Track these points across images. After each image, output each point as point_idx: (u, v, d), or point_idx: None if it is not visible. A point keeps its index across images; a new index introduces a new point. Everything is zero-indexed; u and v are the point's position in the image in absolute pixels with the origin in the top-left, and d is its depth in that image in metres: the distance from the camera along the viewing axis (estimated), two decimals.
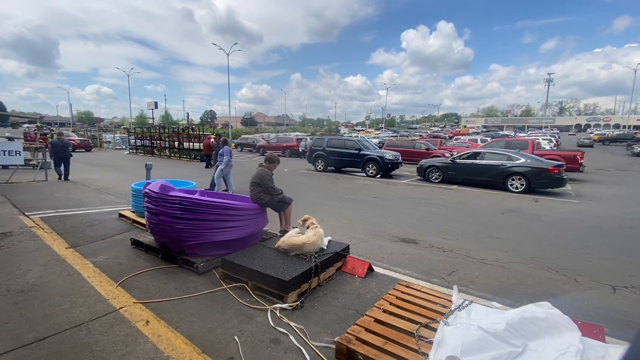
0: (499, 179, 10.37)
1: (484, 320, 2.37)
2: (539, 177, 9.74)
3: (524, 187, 9.89)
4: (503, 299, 3.36)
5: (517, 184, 10.05)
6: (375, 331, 2.48)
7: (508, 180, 10.19)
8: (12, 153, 9.74)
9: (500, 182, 10.35)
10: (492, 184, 10.59)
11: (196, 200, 3.89)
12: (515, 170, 10.08)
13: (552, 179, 9.63)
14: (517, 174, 10.04)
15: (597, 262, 4.57)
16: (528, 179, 9.83)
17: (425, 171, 12.15)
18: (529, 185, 9.83)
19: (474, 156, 11.25)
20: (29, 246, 4.43)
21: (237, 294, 3.25)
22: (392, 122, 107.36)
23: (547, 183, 9.78)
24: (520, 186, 9.97)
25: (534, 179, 9.79)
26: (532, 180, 9.80)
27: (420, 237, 5.53)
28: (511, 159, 10.38)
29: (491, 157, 10.84)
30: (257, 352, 2.40)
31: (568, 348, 2.14)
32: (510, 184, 10.15)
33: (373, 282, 3.64)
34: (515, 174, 10.07)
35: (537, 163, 9.97)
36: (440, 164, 11.85)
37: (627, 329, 2.90)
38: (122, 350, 2.38)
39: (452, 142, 27.53)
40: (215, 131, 33.06)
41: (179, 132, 22.10)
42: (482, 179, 10.79)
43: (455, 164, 11.40)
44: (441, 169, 11.68)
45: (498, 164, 10.50)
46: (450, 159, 11.66)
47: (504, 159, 10.52)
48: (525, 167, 9.98)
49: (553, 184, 9.75)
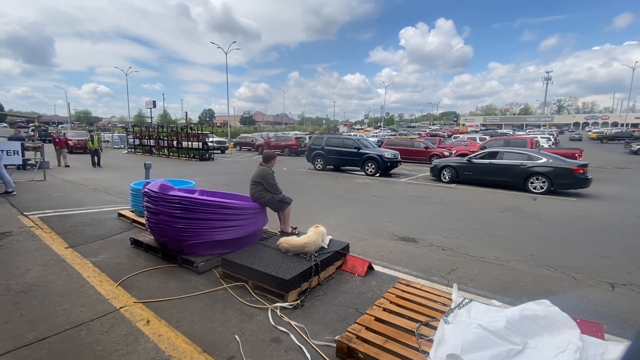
0: (519, 179, 9.92)
1: (484, 318, 2.38)
2: (562, 178, 9.29)
3: (546, 188, 9.44)
4: (502, 297, 3.37)
5: (538, 185, 9.61)
6: (376, 330, 2.48)
7: (529, 180, 9.73)
8: (11, 153, 9.70)
9: (520, 182, 9.90)
10: (512, 184, 10.15)
11: (196, 199, 3.88)
12: (537, 170, 9.62)
13: (577, 179, 9.15)
14: (538, 174, 9.58)
15: (595, 259, 4.59)
16: (550, 179, 9.37)
17: (439, 171, 11.76)
18: (551, 185, 9.38)
19: (491, 156, 10.79)
20: (28, 246, 4.42)
21: (238, 293, 3.25)
22: (391, 120, 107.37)
23: (570, 184, 9.31)
24: (542, 187, 9.52)
25: (557, 179, 9.33)
26: (555, 181, 9.34)
27: (419, 235, 5.54)
28: (532, 159, 9.91)
29: (510, 157, 10.38)
30: (257, 351, 2.41)
31: (567, 345, 2.15)
32: (531, 185, 9.71)
33: (373, 281, 3.65)
34: (536, 174, 9.62)
35: (560, 163, 9.50)
36: (455, 163, 11.46)
37: (626, 327, 2.92)
38: (123, 350, 2.38)
39: (451, 140, 27.53)
40: (214, 130, 32.98)
41: (177, 131, 22.05)
42: (501, 179, 10.35)
43: (472, 164, 10.99)
44: (457, 169, 11.29)
45: (518, 163, 10.02)
46: (467, 159, 11.24)
47: (524, 159, 10.05)
48: (547, 167, 9.51)
49: (577, 184, 9.26)
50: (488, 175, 10.65)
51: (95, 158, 14.77)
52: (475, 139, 24.36)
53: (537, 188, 9.63)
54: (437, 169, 11.87)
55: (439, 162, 12.19)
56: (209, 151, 20.07)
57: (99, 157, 14.81)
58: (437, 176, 11.85)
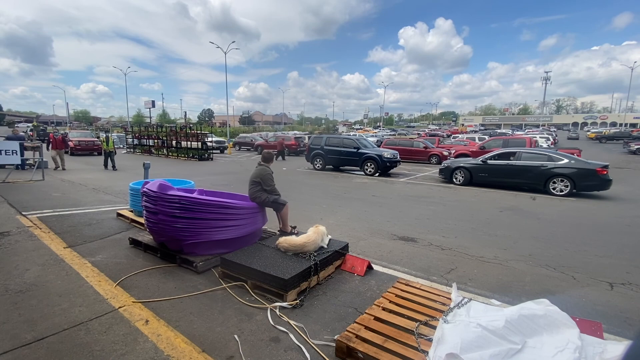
0: (539, 181, 9.57)
1: (483, 317, 2.38)
2: (586, 179, 9.00)
3: (568, 190, 9.13)
4: (502, 297, 3.38)
5: (560, 187, 9.28)
6: (375, 329, 2.48)
7: (550, 182, 9.41)
8: (9, 152, 9.67)
9: (540, 184, 9.57)
10: (531, 186, 9.83)
11: (195, 199, 3.88)
12: (559, 172, 9.27)
13: (601, 180, 8.91)
14: (560, 175, 9.24)
15: (594, 259, 4.60)
16: (574, 181, 9.06)
17: (451, 173, 11.25)
18: (574, 187, 9.08)
19: (508, 156, 10.43)
20: (27, 246, 4.41)
21: (237, 292, 3.25)
22: (390, 120, 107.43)
23: (595, 185, 9.02)
24: (564, 189, 9.21)
25: (581, 180, 9.02)
26: (578, 183, 9.03)
27: (419, 235, 5.55)
28: (552, 159, 9.59)
29: (529, 157, 10.03)
30: (257, 351, 2.40)
31: (566, 345, 2.15)
32: (552, 187, 9.38)
33: (372, 281, 3.65)
34: (558, 176, 9.27)
35: (582, 164, 9.23)
36: (469, 165, 10.98)
37: (625, 326, 2.92)
38: (122, 350, 2.37)
39: (450, 140, 27.56)
40: (213, 130, 32.94)
41: (176, 131, 22.02)
42: (519, 181, 9.99)
43: (487, 165, 10.54)
44: (471, 171, 10.82)
45: (538, 164, 9.69)
46: (481, 160, 10.78)
47: (544, 159, 9.73)
48: (570, 168, 9.19)
49: (601, 186, 8.99)
50: (505, 176, 10.23)
51: (108, 160, 14.03)
52: (475, 139, 24.40)
53: (559, 190, 9.30)
54: (448, 170, 11.40)
55: (450, 162, 11.74)
56: (208, 151, 20.04)
57: (113, 159, 14.03)
58: (448, 178, 11.38)
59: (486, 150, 15.17)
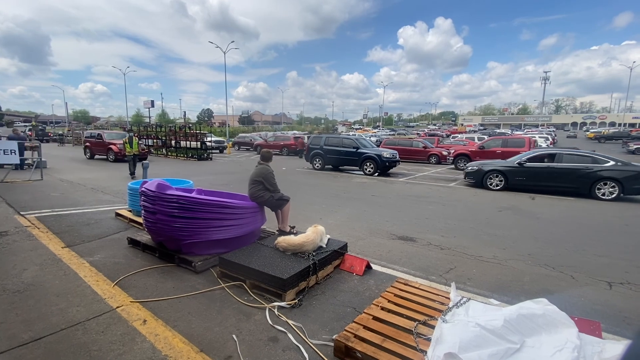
0: (584, 184, 9.04)
1: (482, 317, 2.38)
2: (635, 182, 8.52)
3: (616, 194, 8.64)
4: (500, 296, 3.37)
5: (607, 191, 8.78)
6: (374, 329, 2.48)
7: (596, 186, 8.89)
8: (8, 152, 9.65)
9: (585, 188, 9.05)
10: (574, 190, 9.29)
11: (194, 199, 3.87)
12: (606, 175, 8.76)
13: None
14: (608, 178, 8.74)
15: (593, 258, 4.60)
16: (622, 184, 8.59)
17: (483, 177, 10.35)
18: (622, 191, 8.60)
19: (547, 159, 9.81)
20: (25, 246, 4.39)
21: (235, 292, 3.24)
22: (389, 120, 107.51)
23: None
24: (612, 192, 8.70)
25: (630, 184, 8.54)
26: (627, 186, 8.56)
27: (418, 234, 5.54)
28: (597, 162, 9.05)
29: (571, 159, 9.43)
30: (255, 351, 2.40)
31: (565, 344, 2.15)
32: (598, 191, 8.88)
33: (371, 280, 3.64)
34: (605, 179, 8.78)
35: (632, 166, 8.73)
36: (504, 168, 10.14)
37: (624, 325, 2.92)
38: (120, 350, 2.36)
39: (450, 140, 27.58)
40: (212, 130, 32.89)
41: (175, 130, 22.00)
42: (562, 185, 9.38)
43: (524, 168, 9.82)
44: (506, 174, 10.03)
45: (581, 167, 9.12)
46: (517, 162, 9.98)
47: (588, 161, 9.18)
48: (618, 170, 8.72)
49: None
50: (545, 180, 9.58)
51: (132, 166, 11.73)
52: (474, 139, 24.42)
53: (606, 194, 8.80)
54: (479, 173, 10.45)
55: (479, 165, 10.86)
56: (207, 151, 20.02)
57: (135, 164, 11.85)
58: (479, 182, 10.49)
59: (485, 150, 15.21)
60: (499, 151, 14.47)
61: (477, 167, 10.74)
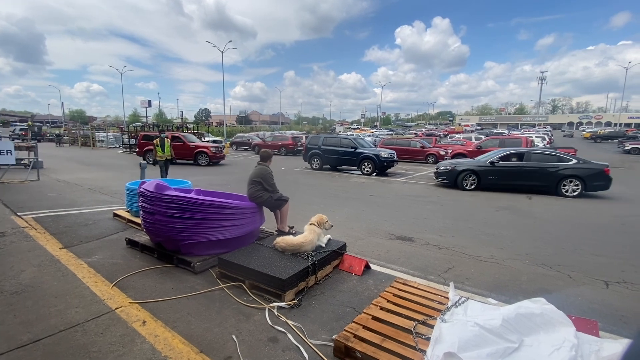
0: (551, 182, 9.34)
1: (481, 316, 2.39)
2: (595, 179, 9.00)
3: (579, 191, 9.04)
4: (499, 295, 3.39)
5: (570, 188, 9.15)
6: (373, 329, 2.49)
7: (561, 183, 9.24)
8: (4, 152, 9.58)
9: (552, 186, 9.34)
10: (543, 188, 9.53)
11: (192, 199, 3.86)
12: (570, 173, 9.13)
13: (607, 180, 9.02)
14: (572, 176, 9.11)
15: (590, 258, 4.63)
16: (584, 181, 8.99)
17: (457, 177, 10.23)
18: (584, 188, 9.01)
19: (517, 158, 10.00)
20: (22, 247, 4.37)
21: (234, 293, 3.24)
22: (387, 120, 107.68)
23: (602, 185, 9.07)
24: (575, 190, 9.08)
25: (591, 181, 9.00)
26: (589, 183, 8.99)
27: (416, 234, 5.56)
28: (562, 160, 9.45)
29: (538, 158, 9.76)
30: (255, 351, 2.40)
31: (563, 343, 2.17)
32: (563, 188, 9.21)
33: (370, 280, 3.65)
34: (570, 177, 9.14)
35: (592, 164, 9.21)
36: (477, 167, 10.14)
37: (620, 324, 2.95)
38: (119, 351, 2.36)
39: (447, 140, 27.65)
40: (210, 130, 32.84)
41: (173, 130, 21.92)
42: (531, 183, 9.62)
43: (496, 168, 9.91)
44: (479, 174, 10.04)
45: (549, 165, 9.45)
46: (489, 162, 10.05)
47: (554, 160, 9.55)
48: (580, 168, 9.13)
49: (606, 185, 9.09)
50: (516, 179, 9.77)
51: (164, 172, 9.92)
52: (471, 139, 24.51)
53: (570, 191, 9.16)
54: (453, 174, 10.33)
55: (452, 164, 10.63)
56: None
57: (167, 170, 10.06)
58: (452, 183, 10.36)
59: (483, 150, 15.26)
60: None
61: (450, 166, 10.52)
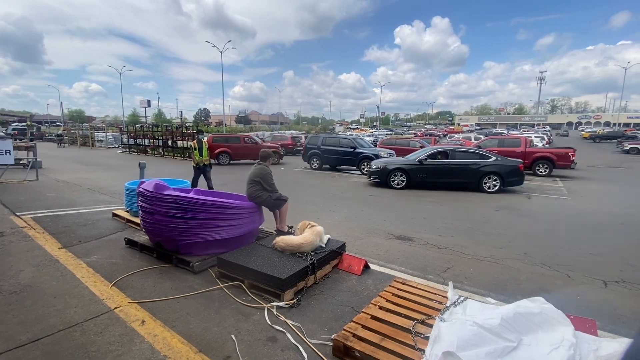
0: (475, 179, 9.75)
1: (479, 315, 2.39)
2: (511, 175, 9.60)
3: (498, 187, 9.56)
4: (497, 295, 3.40)
5: (491, 184, 9.64)
6: (372, 328, 2.49)
7: (483, 180, 9.69)
8: (2, 152, 9.56)
9: (475, 182, 9.75)
10: (467, 185, 9.87)
11: (191, 199, 3.86)
12: (490, 170, 9.63)
13: (522, 176, 9.72)
14: (492, 173, 9.61)
15: (589, 257, 4.64)
16: (502, 177, 9.54)
17: (387, 175, 10.26)
18: (502, 184, 9.56)
19: (442, 156, 10.38)
20: (21, 247, 4.36)
21: (234, 292, 3.24)
22: (386, 120, 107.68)
23: (517, 180, 9.71)
24: (495, 186, 9.60)
25: (508, 177, 9.58)
26: (506, 179, 9.57)
27: (415, 234, 5.57)
28: (483, 157, 9.94)
29: (462, 156, 10.22)
30: (254, 351, 2.40)
31: (561, 342, 2.17)
32: (485, 185, 9.67)
33: (369, 280, 3.66)
34: (490, 174, 9.63)
35: (508, 161, 9.84)
36: (406, 166, 10.26)
37: (619, 323, 2.96)
38: (118, 351, 2.36)
39: (446, 140, 27.68)
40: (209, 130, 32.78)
41: (172, 130, 21.90)
42: (457, 180, 9.97)
43: (425, 166, 10.13)
44: (408, 172, 10.16)
45: (472, 162, 9.87)
46: (417, 160, 10.26)
47: (476, 157, 10.03)
48: (499, 165, 9.66)
49: (521, 181, 9.77)
50: (443, 177, 10.07)
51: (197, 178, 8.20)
52: (470, 139, 24.53)
53: (490, 187, 9.64)
54: (384, 172, 10.33)
55: (383, 163, 10.67)
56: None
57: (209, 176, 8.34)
58: (384, 181, 10.35)
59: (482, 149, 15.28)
60: (496, 151, 14.54)
61: (382, 165, 10.54)
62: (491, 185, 9.65)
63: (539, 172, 13.32)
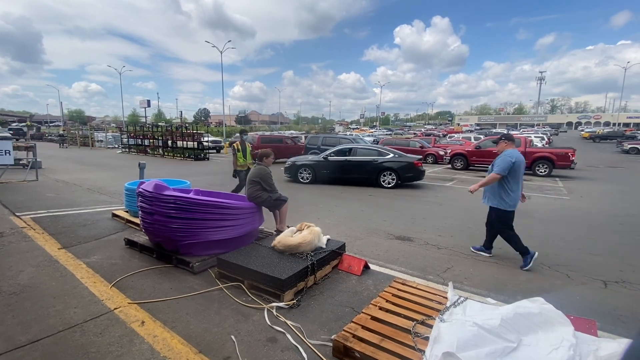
0: (373, 175, 10.24)
1: (479, 316, 2.39)
2: (407, 171, 9.99)
3: (394, 182, 10.00)
4: (497, 295, 3.40)
5: (388, 179, 10.10)
6: (372, 328, 2.49)
7: (381, 175, 10.15)
8: (2, 152, 9.55)
9: (373, 178, 10.24)
10: (367, 180, 10.38)
11: (191, 199, 3.86)
12: (387, 166, 10.07)
13: (418, 172, 10.13)
14: (388, 169, 10.05)
15: (588, 257, 4.65)
16: (398, 173, 9.95)
17: (296, 171, 11.05)
18: (398, 179, 9.97)
19: (346, 153, 10.88)
20: (21, 247, 4.36)
21: (233, 293, 3.24)
22: (386, 120, 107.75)
23: (414, 176, 10.14)
24: (392, 181, 10.04)
25: (403, 173, 9.98)
26: (402, 175, 9.97)
27: (415, 234, 5.57)
28: (381, 154, 10.40)
29: (363, 153, 10.71)
30: (254, 351, 2.40)
31: (561, 342, 2.17)
32: (383, 180, 10.13)
33: (369, 280, 3.66)
34: (387, 170, 10.07)
35: (405, 158, 10.24)
36: (312, 162, 10.99)
37: (619, 323, 2.96)
38: (118, 352, 2.36)
39: (446, 140, 27.69)
40: (209, 130, 32.75)
41: (172, 130, 21.90)
42: (358, 176, 10.50)
43: (328, 162, 10.75)
44: (314, 168, 10.82)
45: (371, 159, 10.35)
46: (323, 157, 10.92)
47: (375, 154, 10.50)
48: (395, 161, 10.09)
49: (417, 177, 10.23)
50: (345, 172, 10.57)
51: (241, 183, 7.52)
52: (470, 139, 24.54)
53: (387, 182, 10.07)
54: (293, 168, 11.14)
55: (293, 160, 11.41)
56: (204, 151, 19.96)
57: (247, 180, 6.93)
58: (293, 177, 11.16)
59: (482, 149, 15.28)
60: (495, 151, 14.54)
61: (292, 162, 11.24)
62: (389, 180, 10.10)
63: (538, 172, 13.33)
